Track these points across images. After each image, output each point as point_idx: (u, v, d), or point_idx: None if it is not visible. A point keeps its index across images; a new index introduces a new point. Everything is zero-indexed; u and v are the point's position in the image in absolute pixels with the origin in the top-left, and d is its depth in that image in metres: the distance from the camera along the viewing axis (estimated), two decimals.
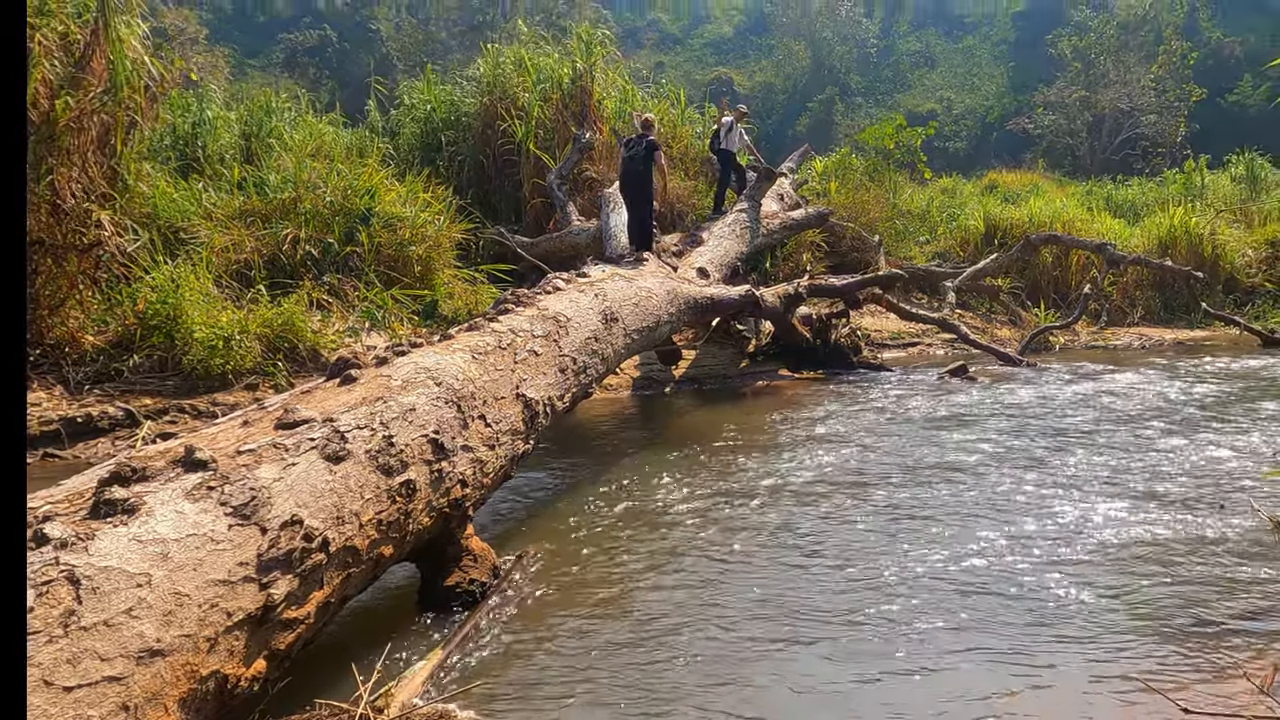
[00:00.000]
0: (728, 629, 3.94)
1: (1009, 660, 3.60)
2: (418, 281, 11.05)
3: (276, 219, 10.56)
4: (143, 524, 2.67)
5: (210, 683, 2.67)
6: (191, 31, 34.42)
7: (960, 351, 12.68)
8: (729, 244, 11.36)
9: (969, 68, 53.34)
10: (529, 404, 5.13)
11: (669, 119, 16.28)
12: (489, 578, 4.37)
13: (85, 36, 8.48)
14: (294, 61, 45.70)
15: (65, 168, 8.20)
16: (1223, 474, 6.20)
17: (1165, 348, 14.13)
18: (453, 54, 40.44)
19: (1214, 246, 17.10)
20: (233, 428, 3.48)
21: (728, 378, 10.63)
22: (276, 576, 2.97)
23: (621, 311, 7.14)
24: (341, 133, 15.25)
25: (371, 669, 3.42)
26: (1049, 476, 6.22)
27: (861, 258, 15.21)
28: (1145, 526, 5.12)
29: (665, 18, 62.47)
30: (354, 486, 3.48)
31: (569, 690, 3.47)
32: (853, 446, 7.15)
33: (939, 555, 4.73)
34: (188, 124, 12.82)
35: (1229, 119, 38.91)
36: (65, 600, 2.36)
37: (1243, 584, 4.31)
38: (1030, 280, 16.35)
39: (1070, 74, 41.29)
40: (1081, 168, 37.26)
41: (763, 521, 5.37)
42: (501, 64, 15.67)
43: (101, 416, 7.43)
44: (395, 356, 4.53)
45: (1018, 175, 30.19)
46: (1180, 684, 3.38)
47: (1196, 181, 22.12)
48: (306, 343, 8.91)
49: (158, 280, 8.59)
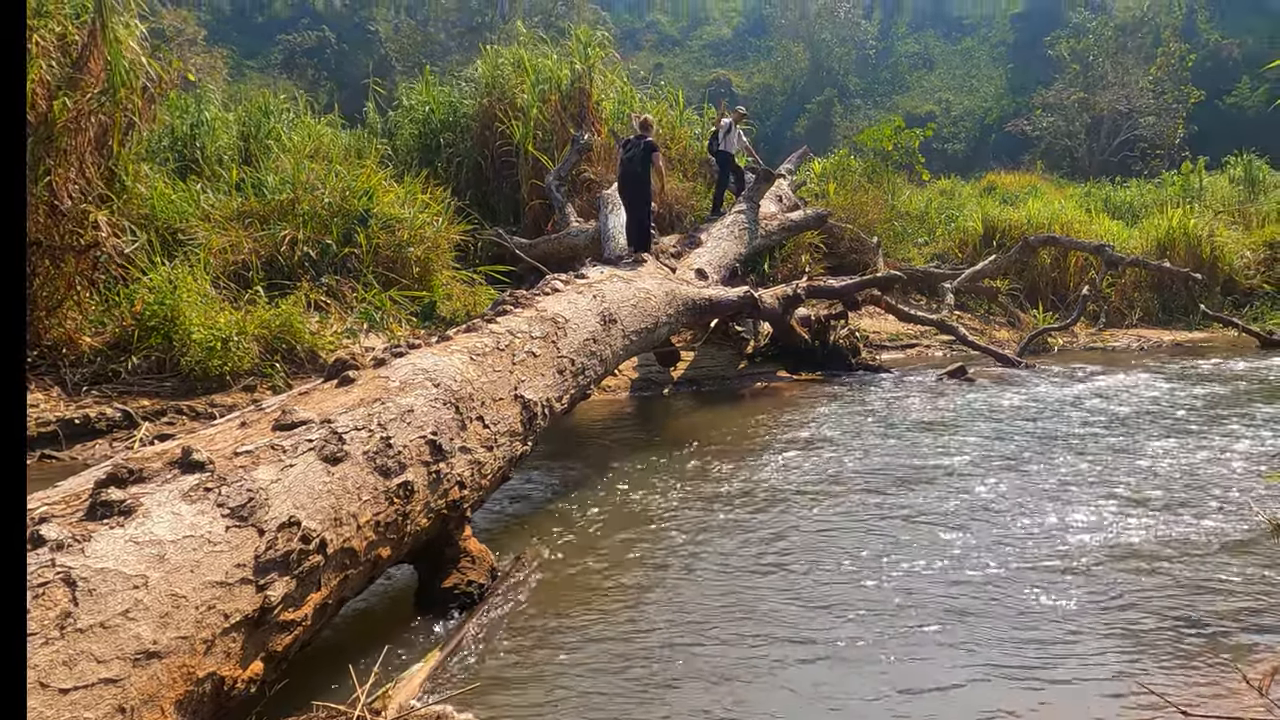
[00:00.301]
0: (725, 633, 3.93)
1: (1005, 665, 3.59)
2: (416, 283, 11.04)
3: (274, 220, 10.55)
4: (139, 525, 2.67)
5: (207, 685, 2.66)
6: (190, 32, 34.41)
7: (959, 353, 12.68)
8: (727, 245, 11.36)
9: (967, 69, 53.44)
10: (527, 405, 5.13)
11: (667, 120, 16.27)
12: (487, 579, 4.36)
13: (83, 37, 8.48)
14: (292, 62, 45.71)
15: (63, 169, 8.20)
16: (1222, 476, 6.20)
17: (1163, 349, 14.14)
18: (451, 55, 40.44)
19: (1212, 248, 17.11)
20: (230, 429, 3.48)
21: (726, 379, 10.63)
22: (274, 578, 2.96)
23: (620, 313, 7.14)
24: (340, 134, 15.24)
25: (369, 671, 3.41)
26: (1047, 479, 6.22)
27: (860, 259, 15.20)
28: (1143, 529, 5.12)
29: (664, 19, 62.55)
30: (352, 488, 3.47)
31: (566, 692, 3.46)
32: (851, 449, 7.15)
33: (938, 560, 4.73)
34: (186, 125, 12.80)
35: (1227, 120, 38.98)
36: (61, 602, 2.35)
37: (1242, 586, 4.31)
38: (1028, 282, 16.34)
39: (1068, 76, 41.36)
40: (1080, 169, 37.30)
41: (761, 526, 5.37)
42: (500, 65, 15.67)
43: (99, 418, 7.42)
44: (393, 358, 4.52)
45: (1016, 177, 30.20)
46: (1179, 687, 3.38)
47: (1195, 183, 22.14)
48: (304, 344, 8.90)
49: (155, 281, 8.57)
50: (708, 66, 56.33)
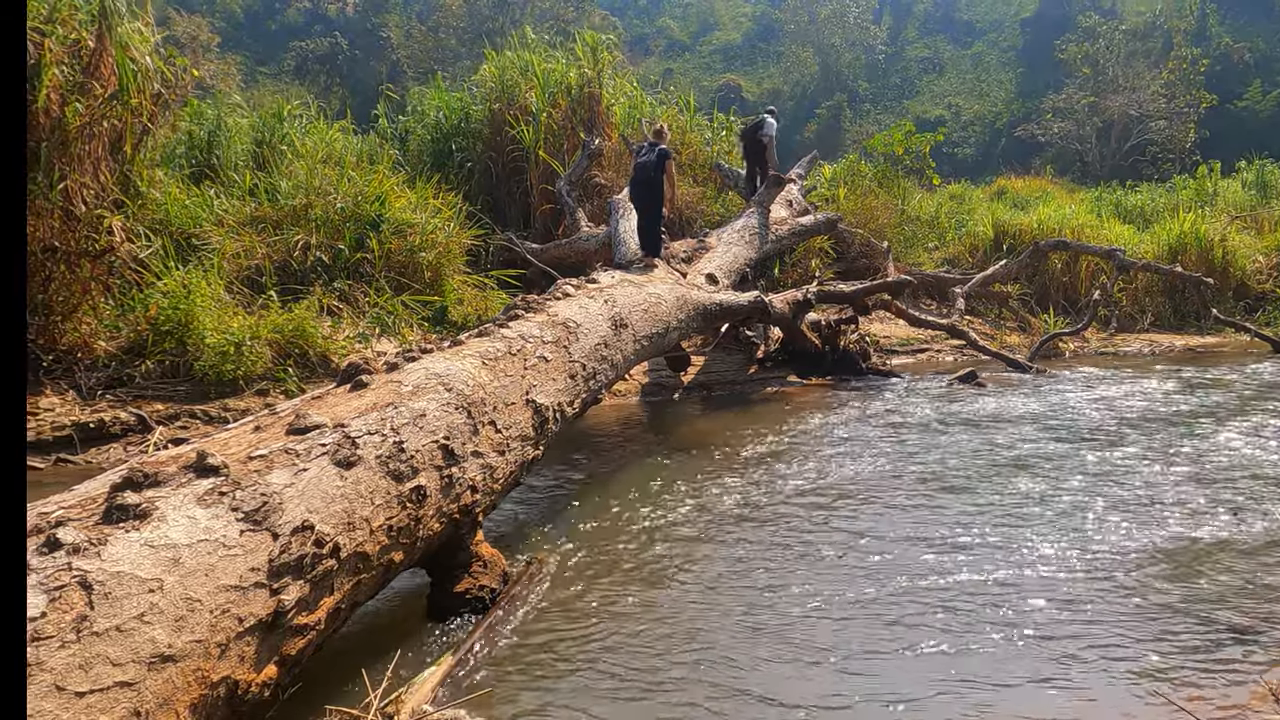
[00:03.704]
0: (738, 641, 3.92)
1: (1016, 671, 3.57)
2: (427, 287, 11.07)
3: (288, 225, 10.61)
4: (155, 529, 2.68)
5: (221, 688, 2.67)
6: (204, 39, 34.65)
7: (969, 358, 12.64)
8: (738, 250, 11.35)
9: (978, 74, 53.36)
10: (539, 410, 5.13)
11: (678, 125, 16.31)
12: (499, 584, 4.36)
13: (93, 43, 8.55)
14: (305, 69, 46.01)
15: (77, 174, 8.26)
16: (1235, 480, 6.16)
17: (1175, 354, 14.06)
18: (462, 61, 40.59)
19: (1224, 252, 17.03)
20: (244, 433, 3.49)
21: (736, 384, 10.62)
22: (288, 582, 2.97)
23: (631, 317, 7.14)
24: (352, 140, 15.30)
25: (382, 675, 3.41)
26: (1059, 484, 6.19)
27: (870, 264, 15.17)
28: (1156, 532, 5.09)
29: (674, 24, 62.69)
30: (365, 492, 3.48)
31: (578, 698, 3.46)
32: (862, 455, 7.13)
33: (950, 561, 4.70)
34: (204, 132, 12.84)
35: (1238, 124, 38.84)
36: (78, 605, 2.36)
37: (1257, 590, 4.28)
38: (1039, 286, 16.30)
39: (1079, 80, 41.29)
40: (1090, 174, 37.22)
41: (774, 534, 5.36)
42: (507, 69, 15.71)
43: (114, 422, 7.45)
44: (406, 362, 4.53)
45: (1026, 181, 30.13)
46: (1191, 691, 3.36)
47: (1209, 187, 22.04)
48: (317, 348, 8.93)
49: (169, 286, 8.62)
50: (717, 72, 56.41)
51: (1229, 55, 43.02)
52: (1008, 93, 50.34)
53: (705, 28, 62.82)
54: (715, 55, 59.69)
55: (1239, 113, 40.18)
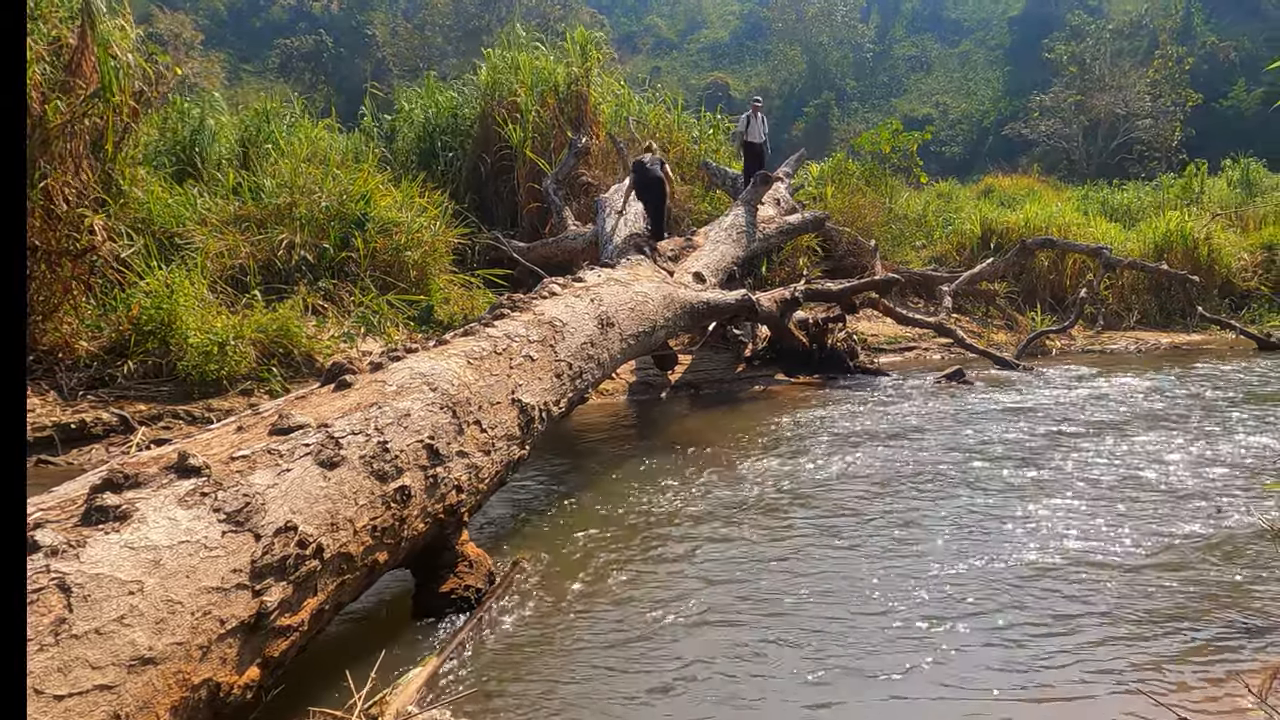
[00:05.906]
0: (725, 640, 3.92)
1: (999, 670, 3.58)
2: (413, 286, 11.03)
3: (272, 224, 10.55)
4: (135, 531, 2.65)
5: (203, 691, 2.65)
6: (187, 37, 34.43)
7: (956, 356, 12.68)
8: (725, 248, 11.35)
9: (965, 72, 53.56)
10: (524, 409, 5.11)
11: (665, 123, 16.30)
12: (484, 584, 4.34)
13: (74, 40, 8.47)
14: (289, 67, 45.78)
15: (58, 173, 8.19)
16: (1219, 480, 6.19)
17: (1161, 352, 14.15)
18: (449, 59, 40.49)
19: (1210, 250, 17.14)
20: (227, 434, 3.46)
21: (724, 382, 10.62)
22: (270, 584, 2.95)
23: (617, 316, 7.13)
24: (337, 138, 15.23)
25: (366, 676, 3.39)
26: (1043, 482, 6.21)
27: (858, 262, 15.19)
28: (1139, 533, 5.11)
29: (661, 23, 62.64)
30: (348, 492, 3.46)
31: (563, 699, 3.45)
32: (849, 452, 7.14)
33: (933, 566, 4.71)
34: (186, 131, 12.75)
35: (1224, 123, 39.11)
36: (56, 608, 2.34)
37: (1239, 590, 4.30)
38: (1026, 284, 16.36)
39: (1066, 79, 41.49)
40: (1077, 172, 37.42)
41: (761, 530, 5.36)
42: (496, 67, 15.67)
43: (95, 423, 7.40)
44: (390, 362, 4.51)
45: (1014, 180, 30.24)
46: (1176, 691, 3.37)
47: (1195, 186, 22.16)
48: (301, 348, 8.88)
49: (152, 286, 8.56)
50: (705, 70, 56.41)
51: (1215, 54, 43.33)
52: (995, 91, 50.54)
53: (693, 26, 62.80)
54: (703, 53, 59.68)
55: (1224, 111, 40.48)
